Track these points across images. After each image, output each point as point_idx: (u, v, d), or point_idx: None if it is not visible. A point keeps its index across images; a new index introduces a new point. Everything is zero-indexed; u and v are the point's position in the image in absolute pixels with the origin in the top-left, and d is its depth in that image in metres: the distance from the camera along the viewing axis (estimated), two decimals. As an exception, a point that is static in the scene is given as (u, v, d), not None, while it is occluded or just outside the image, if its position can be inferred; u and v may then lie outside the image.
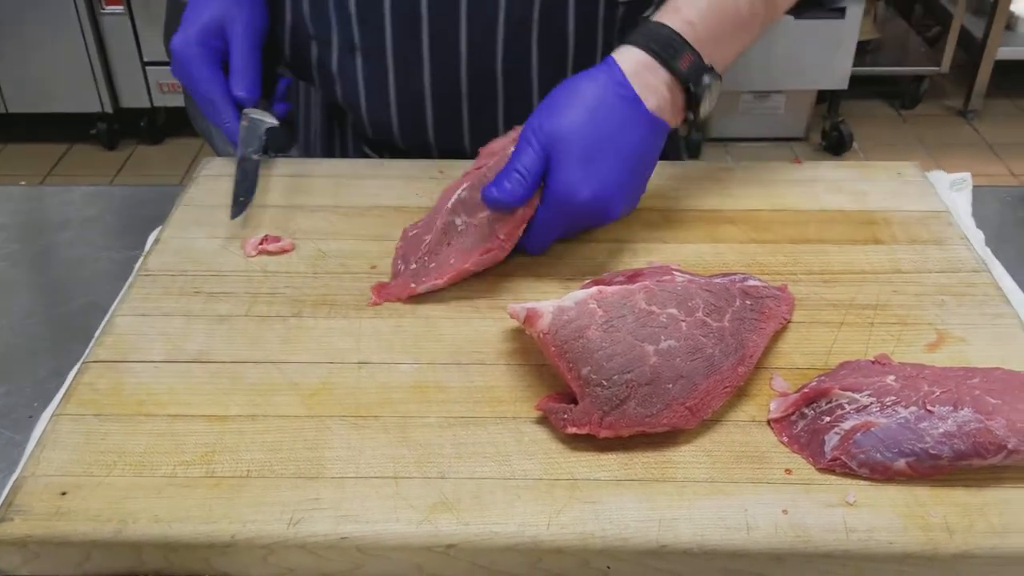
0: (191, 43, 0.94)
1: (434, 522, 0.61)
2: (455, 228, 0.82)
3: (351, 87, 1.04)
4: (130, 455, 0.66)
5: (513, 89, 1.01)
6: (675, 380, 0.66)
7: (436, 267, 0.81)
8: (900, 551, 0.60)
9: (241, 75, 0.96)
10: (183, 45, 0.95)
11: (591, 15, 0.99)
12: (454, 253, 0.81)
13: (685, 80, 0.81)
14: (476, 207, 0.81)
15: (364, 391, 0.71)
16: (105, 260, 0.94)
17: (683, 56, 0.81)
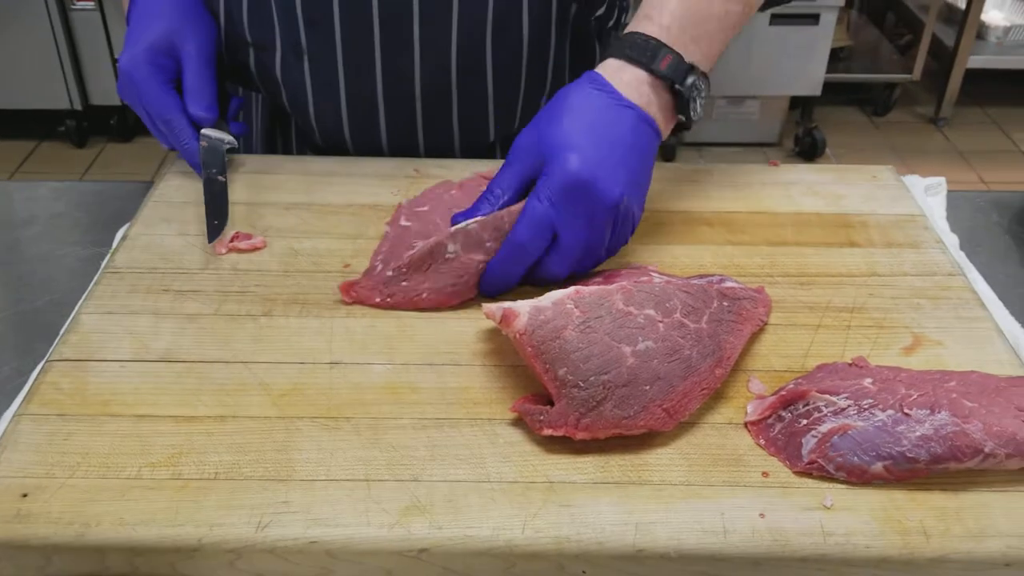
0: (140, 62, 0.92)
1: (406, 526, 0.60)
2: (443, 252, 0.78)
3: (298, 92, 1.02)
4: (94, 456, 0.64)
5: (467, 90, 1.00)
6: (652, 382, 0.65)
7: (407, 288, 0.78)
8: (877, 555, 0.59)
9: (198, 94, 0.94)
10: (131, 65, 0.93)
11: (544, 15, 0.99)
12: (429, 285, 0.78)
13: (668, 79, 0.80)
14: (475, 246, 0.78)
15: (336, 392, 0.70)
16: (71, 257, 0.92)
17: (661, 57, 0.80)
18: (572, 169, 0.75)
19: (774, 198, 0.94)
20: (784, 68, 3.08)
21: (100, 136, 3.28)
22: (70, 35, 2.97)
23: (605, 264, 0.83)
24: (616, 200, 0.76)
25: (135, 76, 0.93)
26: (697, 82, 0.81)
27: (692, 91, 0.80)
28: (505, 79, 1.01)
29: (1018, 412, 0.64)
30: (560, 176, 0.75)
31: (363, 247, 0.86)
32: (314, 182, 0.95)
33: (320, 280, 0.81)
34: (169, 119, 0.93)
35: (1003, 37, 3.41)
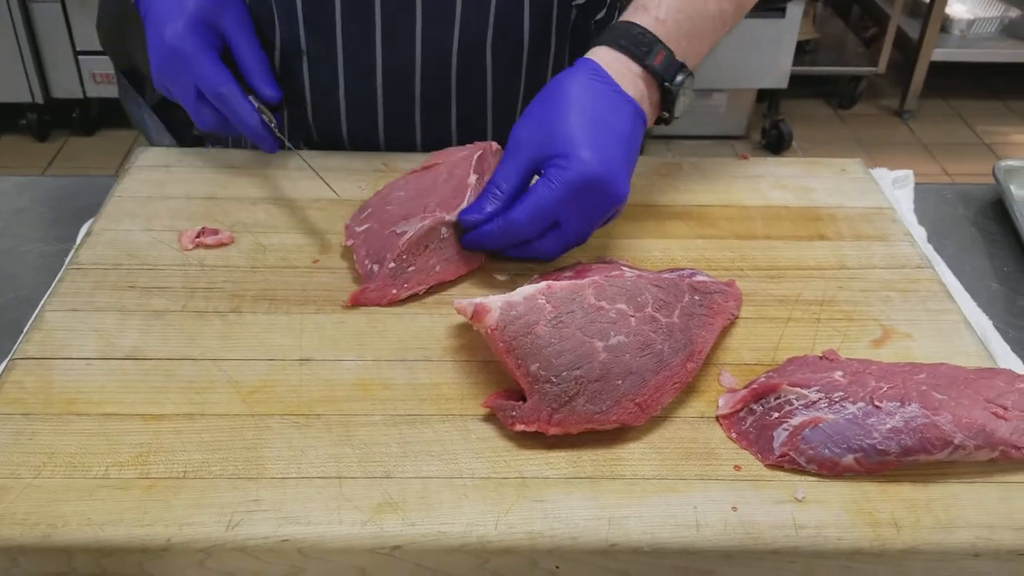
0: (186, 36, 0.88)
1: (379, 523, 0.59)
2: (438, 234, 0.79)
3: (297, 92, 1.01)
4: (60, 456, 0.63)
5: (467, 91, 1.00)
6: (624, 376, 0.65)
7: (417, 271, 0.79)
8: (848, 547, 0.60)
9: (260, 72, 0.91)
10: (178, 39, 0.87)
11: (545, 17, 0.99)
12: (438, 260, 0.79)
13: (660, 76, 0.80)
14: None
15: (306, 389, 0.69)
16: (35, 253, 0.90)
17: (656, 53, 0.80)
18: (589, 167, 0.74)
19: (743, 191, 0.95)
20: (751, 61, 3.10)
21: (62, 130, 3.23)
22: (31, 28, 2.92)
23: (575, 258, 0.83)
24: (624, 197, 0.77)
25: (184, 50, 0.87)
26: (685, 80, 0.82)
27: (679, 88, 0.81)
28: (504, 81, 1.00)
29: (987, 404, 0.64)
30: (577, 173, 0.74)
31: (332, 242, 0.85)
32: (282, 177, 0.94)
33: (289, 276, 0.81)
34: (225, 93, 0.88)
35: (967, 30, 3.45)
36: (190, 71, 0.88)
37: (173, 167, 0.96)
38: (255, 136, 0.90)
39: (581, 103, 0.77)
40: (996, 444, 0.63)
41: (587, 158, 0.75)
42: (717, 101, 3.27)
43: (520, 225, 0.77)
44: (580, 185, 0.75)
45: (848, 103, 3.60)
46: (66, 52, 2.98)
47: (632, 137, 0.79)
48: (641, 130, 0.80)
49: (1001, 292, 0.89)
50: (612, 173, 0.75)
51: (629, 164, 0.78)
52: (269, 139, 0.91)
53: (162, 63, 0.90)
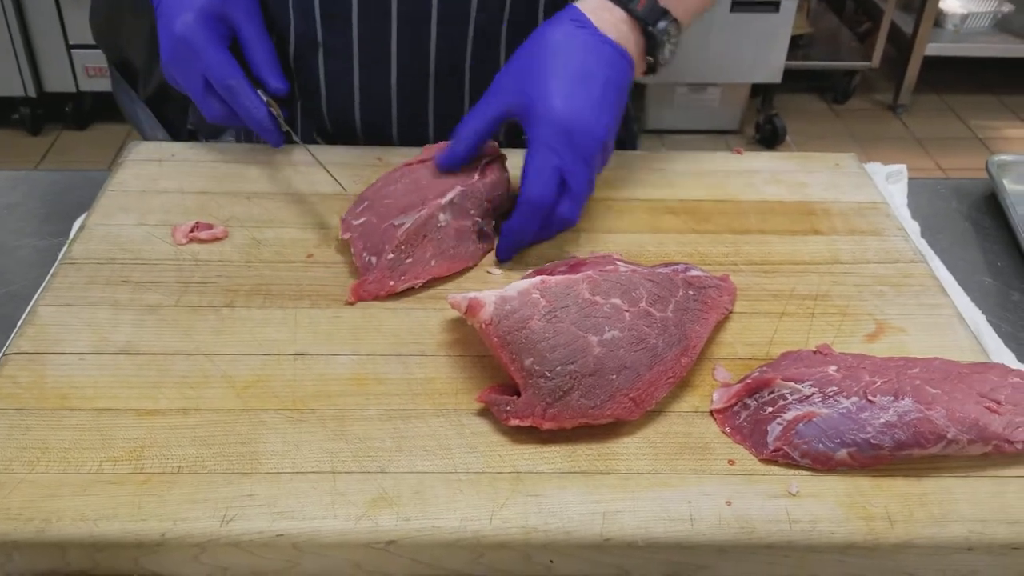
0: (197, 27, 0.88)
1: (373, 518, 0.59)
2: (436, 223, 0.80)
3: (311, 82, 1.01)
4: (54, 451, 0.63)
5: (480, 85, 0.99)
6: (619, 371, 0.65)
7: (414, 264, 0.79)
8: (842, 541, 0.60)
9: (269, 65, 0.91)
10: (188, 30, 0.88)
11: (560, 9, 0.98)
12: (434, 253, 0.80)
13: (642, 20, 0.83)
14: (463, 214, 0.81)
15: (300, 383, 0.69)
16: (28, 248, 0.90)
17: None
18: (560, 116, 0.77)
19: (738, 186, 0.95)
20: (745, 55, 3.09)
21: (55, 124, 3.22)
22: (23, 21, 2.91)
23: (570, 253, 0.83)
24: (603, 136, 0.79)
25: (194, 42, 0.88)
26: (669, 27, 0.84)
27: (663, 35, 0.84)
28: None
29: (980, 398, 0.65)
30: (550, 124, 0.77)
31: (326, 237, 0.85)
32: (276, 171, 0.94)
33: (283, 270, 0.81)
34: (233, 84, 0.88)
35: (960, 25, 3.45)
36: (199, 62, 0.89)
37: (166, 161, 0.95)
38: (261, 129, 0.90)
39: (558, 51, 0.80)
40: (989, 438, 0.63)
41: (558, 107, 0.77)
42: (711, 95, 3.27)
43: (537, 196, 0.78)
44: (560, 132, 0.77)
45: (842, 98, 3.60)
46: (59, 46, 2.97)
47: (613, 80, 0.81)
48: (626, 71, 0.82)
49: (994, 286, 0.90)
50: (585, 118, 0.78)
51: (607, 105, 0.80)
52: (275, 132, 0.91)
53: (171, 54, 0.90)
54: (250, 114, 0.89)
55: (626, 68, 0.82)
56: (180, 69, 0.90)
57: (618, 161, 0.98)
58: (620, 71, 0.82)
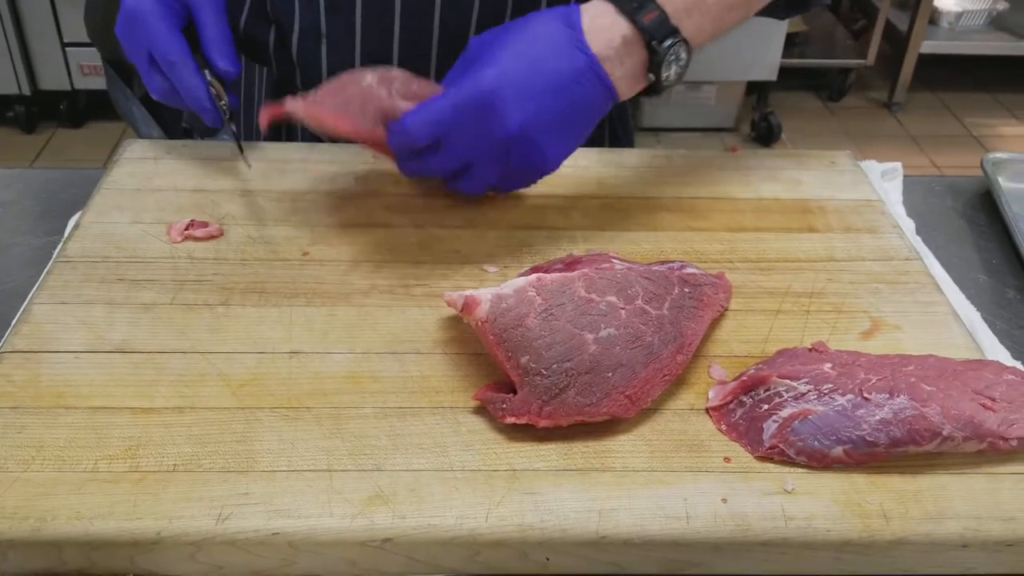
0: (148, 1, 0.86)
1: (369, 516, 0.59)
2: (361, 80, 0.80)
3: (314, 75, 1.01)
4: (49, 449, 0.63)
5: None
6: (615, 368, 0.65)
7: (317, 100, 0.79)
8: (838, 538, 0.60)
9: (219, 47, 0.88)
10: (136, 4, 0.86)
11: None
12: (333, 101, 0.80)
13: (647, 34, 0.77)
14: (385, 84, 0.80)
15: (296, 381, 0.69)
16: (23, 246, 0.90)
17: (648, 11, 0.77)
18: (483, 80, 0.75)
19: (733, 184, 0.95)
20: (740, 53, 3.10)
21: (50, 122, 3.21)
22: (18, 19, 2.90)
23: (566, 251, 0.83)
24: (516, 129, 0.76)
25: (139, 14, 0.86)
26: (676, 48, 0.78)
27: (669, 54, 0.78)
28: None
29: (975, 395, 0.65)
30: (470, 80, 0.75)
31: (321, 234, 0.85)
32: (271, 169, 0.94)
33: (279, 268, 0.80)
34: (174, 60, 0.86)
35: (955, 23, 3.46)
36: (144, 35, 0.87)
37: (161, 159, 0.95)
38: (198, 107, 0.88)
39: (528, 37, 0.76)
40: (984, 435, 0.63)
41: (488, 74, 0.75)
42: (707, 93, 3.27)
43: (409, 131, 0.76)
44: (468, 97, 0.75)
45: (837, 95, 3.61)
46: (53, 44, 2.96)
47: (567, 86, 0.76)
48: (592, 89, 0.77)
49: (989, 284, 0.90)
50: (506, 96, 0.74)
51: (543, 104, 0.76)
52: (213, 111, 0.88)
53: (121, 24, 0.88)
54: (189, 91, 0.87)
55: (595, 84, 0.77)
56: (127, 40, 0.88)
57: (613, 159, 0.98)
58: (584, 84, 0.77)
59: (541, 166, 0.81)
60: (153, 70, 0.89)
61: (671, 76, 0.80)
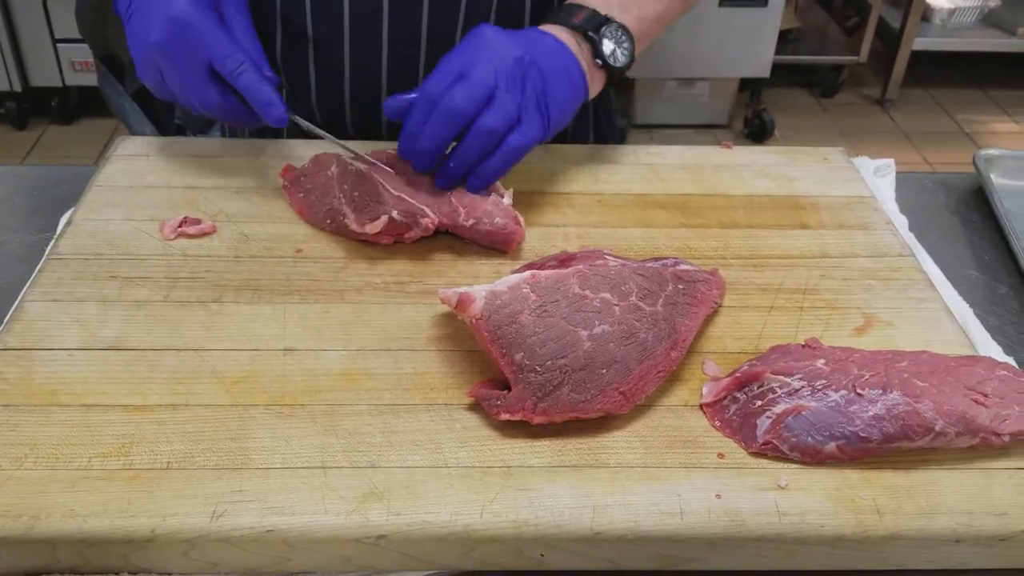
0: (198, 10, 0.84)
1: (364, 513, 0.59)
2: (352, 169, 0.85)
3: (301, 79, 1.01)
4: (42, 447, 0.63)
5: None
6: (609, 365, 0.65)
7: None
8: (831, 534, 0.60)
9: (262, 55, 0.88)
10: (189, 14, 0.83)
11: (545, 6, 1.01)
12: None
13: (582, 29, 0.87)
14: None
15: (290, 378, 0.69)
16: (15, 243, 0.90)
17: (576, 14, 0.88)
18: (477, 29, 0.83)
19: (727, 180, 0.95)
20: (733, 50, 3.10)
21: (41, 118, 3.20)
22: (8, 15, 2.89)
23: (560, 247, 0.83)
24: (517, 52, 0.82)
25: (199, 25, 0.83)
26: (610, 30, 0.88)
27: (603, 36, 0.88)
28: None
29: (967, 391, 0.65)
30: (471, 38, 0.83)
31: (315, 232, 0.85)
32: (264, 166, 0.94)
33: (272, 265, 0.80)
34: (241, 60, 0.84)
35: (948, 19, 3.46)
36: (203, 46, 0.84)
37: (154, 156, 0.95)
38: (268, 107, 0.85)
39: (517, 33, 0.86)
40: (976, 431, 0.63)
41: (488, 29, 0.84)
42: (700, 90, 3.27)
43: (434, 89, 0.80)
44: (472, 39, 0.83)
45: (830, 92, 3.61)
46: (44, 40, 2.95)
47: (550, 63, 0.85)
48: (573, 70, 0.86)
49: (981, 280, 0.90)
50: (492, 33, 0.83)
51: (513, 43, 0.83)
52: (282, 109, 0.85)
53: (168, 41, 0.84)
54: (258, 92, 0.84)
55: (560, 51, 0.86)
56: (179, 56, 0.84)
57: (606, 156, 0.98)
58: (566, 58, 0.86)
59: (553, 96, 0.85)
60: (211, 83, 0.85)
61: (619, 57, 0.89)
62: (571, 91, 0.87)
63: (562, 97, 0.86)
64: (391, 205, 0.80)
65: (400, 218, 0.80)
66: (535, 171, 0.95)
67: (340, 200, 0.83)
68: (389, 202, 0.80)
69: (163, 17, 0.84)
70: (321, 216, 0.84)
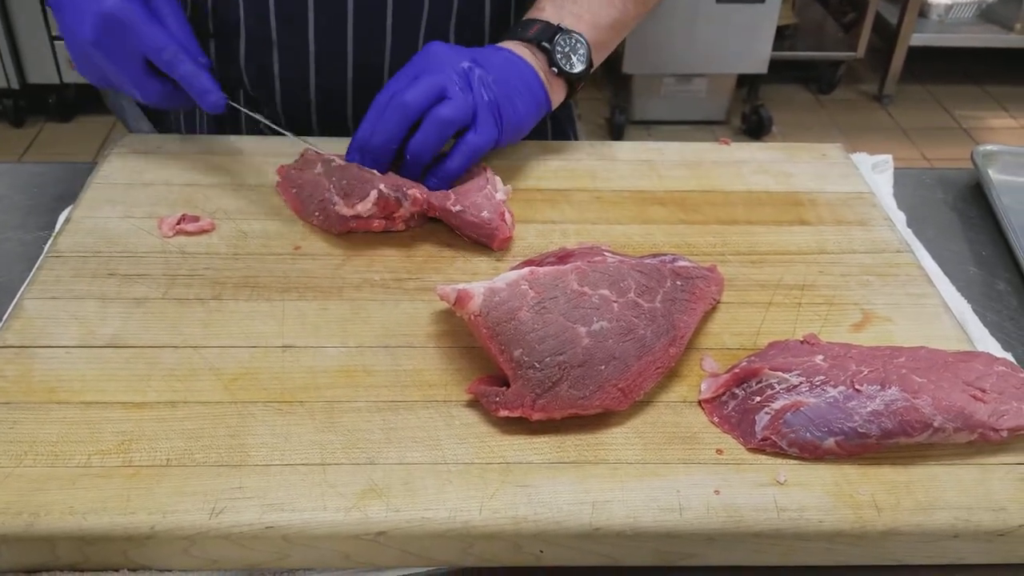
0: (129, 4, 0.84)
1: (363, 509, 0.59)
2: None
3: (266, 81, 1.01)
4: (41, 444, 0.63)
5: None
6: (608, 361, 0.65)
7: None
8: (830, 529, 0.60)
9: (192, 40, 0.89)
10: (121, 8, 0.84)
11: (504, 10, 1.02)
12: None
13: (535, 41, 0.91)
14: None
15: (289, 375, 0.69)
16: (13, 241, 0.90)
17: (530, 28, 0.92)
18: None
19: (725, 177, 0.95)
20: (731, 46, 3.10)
21: (38, 116, 3.20)
22: (5, 12, 2.89)
23: (558, 244, 0.83)
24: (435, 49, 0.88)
25: (131, 18, 0.84)
26: (562, 39, 0.91)
27: (556, 45, 0.91)
28: None
29: (966, 387, 0.65)
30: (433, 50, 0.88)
31: (313, 229, 0.85)
32: (262, 163, 0.94)
33: (271, 263, 0.80)
34: (176, 51, 0.85)
35: (945, 15, 3.47)
36: (138, 38, 0.85)
37: (152, 153, 0.95)
38: (205, 92, 0.86)
39: (469, 48, 0.90)
40: (975, 427, 0.64)
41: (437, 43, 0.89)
42: (697, 86, 3.27)
43: (388, 91, 0.84)
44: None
45: (827, 88, 3.61)
46: (42, 37, 2.95)
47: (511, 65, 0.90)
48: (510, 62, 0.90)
49: (979, 276, 0.90)
50: (442, 48, 0.88)
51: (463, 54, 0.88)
52: (218, 94, 0.87)
53: (101, 35, 0.85)
54: (195, 80, 0.86)
55: (532, 72, 0.90)
56: (114, 50, 0.86)
57: (605, 152, 0.98)
58: (521, 66, 0.90)
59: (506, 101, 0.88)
60: (147, 74, 0.87)
61: (574, 63, 0.92)
62: (528, 99, 0.89)
63: (518, 103, 0.88)
64: (379, 180, 0.81)
65: (389, 191, 0.81)
66: (532, 167, 0.95)
67: (330, 192, 0.83)
68: (376, 179, 0.82)
69: (94, 12, 0.84)
70: (312, 209, 0.85)
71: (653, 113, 3.32)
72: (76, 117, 3.23)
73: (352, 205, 0.81)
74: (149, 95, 0.89)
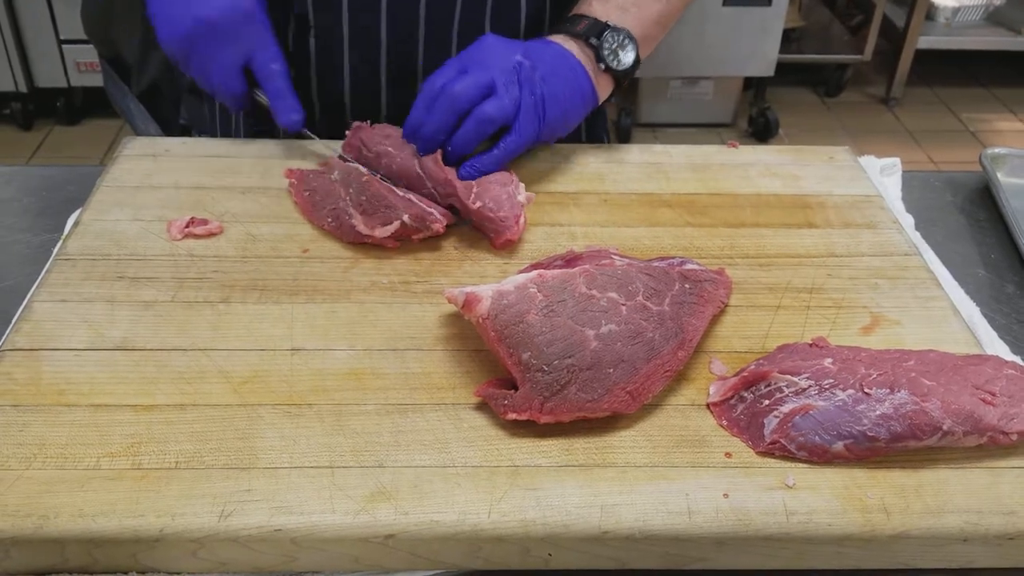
0: (254, 8, 0.90)
1: (372, 512, 0.59)
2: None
3: (302, 66, 1.02)
4: (51, 447, 0.63)
5: None
6: (616, 365, 0.65)
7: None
8: (839, 533, 0.60)
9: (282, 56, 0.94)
10: (245, 10, 0.89)
11: (540, 3, 1.02)
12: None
13: (583, 36, 0.92)
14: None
15: (297, 378, 0.69)
16: (22, 243, 0.90)
17: (578, 23, 0.94)
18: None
19: (733, 180, 0.95)
20: (738, 49, 3.09)
21: (46, 119, 3.20)
22: (14, 16, 2.89)
23: (566, 247, 0.83)
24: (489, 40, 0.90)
25: (248, 18, 0.90)
26: (610, 35, 0.92)
27: (604, 41, 0.92)
28: None
29: (975, 390, 0.65)
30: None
31: (321, 232, 0.85)
32: (270, 166, 0.94)
33: (279, 265, 0.80)
34: (278, 69, 0.92)
35: (952, 18, 3.46)
36: (248, 41, 0.90)
37: (160, 156, 0.95)
38: (290, 113, 0.92)
39: (520, 41, 0.92)
40: (984, 430, 0.63)
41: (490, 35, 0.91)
42: (704, 89, 3.27)
43: (437, 83, 0.87)
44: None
45: (834, 91, 3.60)
46: (50, 41, 2.95)
47: (560, 65, 0.91)
48: (580, 73, 0.92)
49: (988, 279, 0.90)
50: (494, 40, 0.90)
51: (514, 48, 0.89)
52: (302, 117, 0.93)
53: (214, 26, 0.89)
54: (287, 100, 0.92)
55: (580, 69, 0.91)
56: (216, 45, 0.90)
57: (612, 155, 0.98)
58: (571, 63, 0.91)
59: (552, 99, 0.89)
60: (239, 76, 0.92)
61: (623, 60, 0.93)
62: (576, 95, 0.91)
63: (564, 100, 0.90)
64: (402, 209, 0.81)
65: (411, 222, 0.81)
66: (541, 170, 0.95)
67: (346, 202, 0.83)
68: (399, 205, 0.81)
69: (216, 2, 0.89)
70: (324, 214, 0.85)
71: (660, 116, 3.32)
72: (84, 120, 3.24)
73: (371, 227, 0.81)
74: (229, 94, 0.93)
